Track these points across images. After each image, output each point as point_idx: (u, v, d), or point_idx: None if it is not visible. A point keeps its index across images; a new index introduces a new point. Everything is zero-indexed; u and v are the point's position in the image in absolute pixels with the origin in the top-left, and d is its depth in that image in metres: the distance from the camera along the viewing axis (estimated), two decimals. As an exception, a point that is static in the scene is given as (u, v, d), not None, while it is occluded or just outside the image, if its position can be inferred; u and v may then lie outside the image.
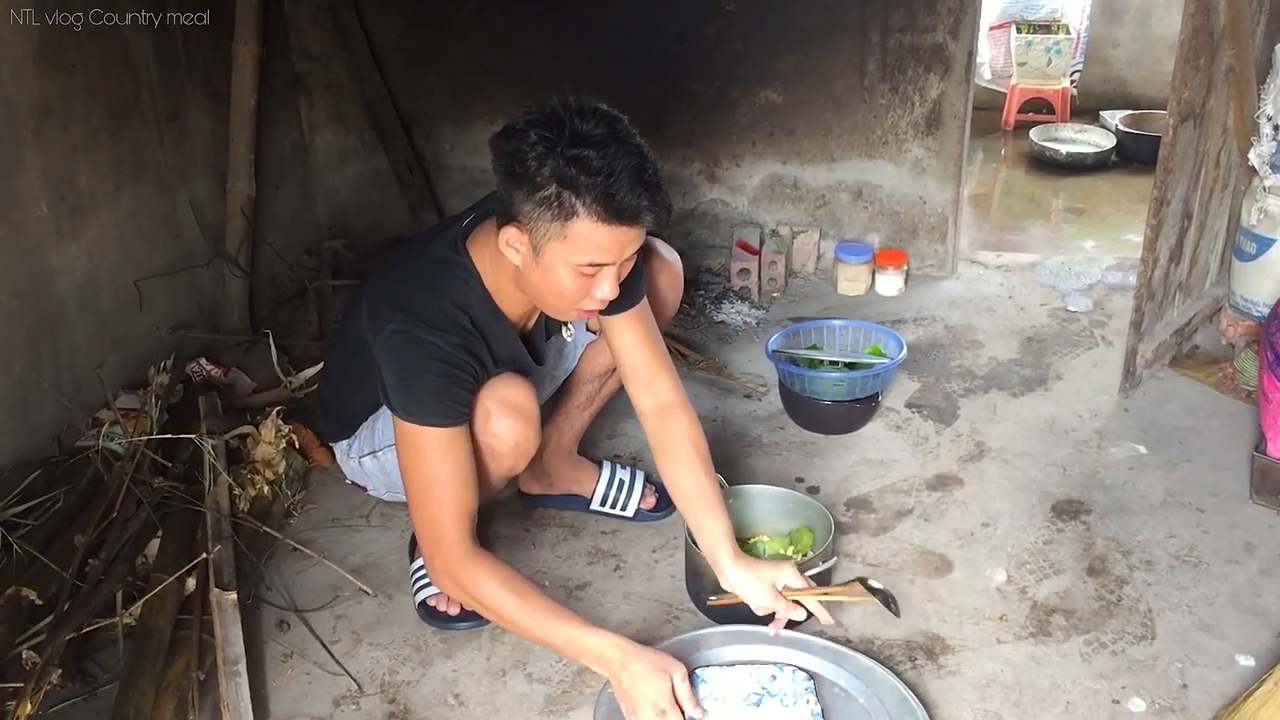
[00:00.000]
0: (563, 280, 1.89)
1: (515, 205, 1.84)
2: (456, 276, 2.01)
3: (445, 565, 1.95)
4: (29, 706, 1.89)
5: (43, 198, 2.63)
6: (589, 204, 1.79)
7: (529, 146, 1.79)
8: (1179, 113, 2.64)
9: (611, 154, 1.78)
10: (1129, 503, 2.57)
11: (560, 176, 1.78)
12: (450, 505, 1.95)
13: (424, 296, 1.98)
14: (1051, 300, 3.55)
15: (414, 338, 1.93)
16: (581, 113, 1.80)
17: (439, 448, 1.94)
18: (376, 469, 2.31)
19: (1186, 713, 1.99)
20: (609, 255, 1.86)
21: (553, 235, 1.83)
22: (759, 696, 1.95)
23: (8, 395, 2.54)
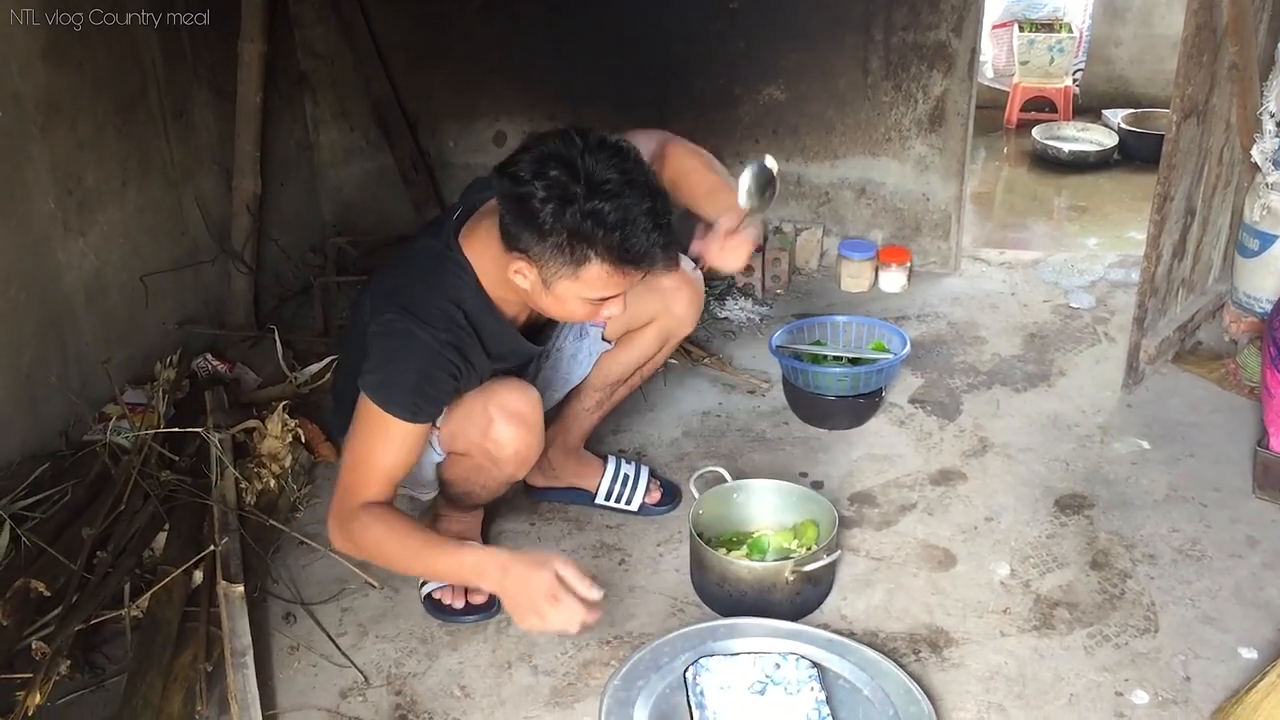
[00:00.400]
0: (574, 308, 1.94)
1: (524, 239, 1.84)
2: (451, 273, 2.02)
3: (339, 522, 1.97)
4: (38, 697, 1.91)
5: (50, 193, 2.64)
6: (602, 253, 1.81)
7: (540, 195, 1.78)
8: (1182, 109, 2.64)
9: (625, 202, 1.79)
10: (1132, 497, 2.58)
11: (575, 231, 1.79)
12: (374, 486, 1.97)
13: (420, 291, 2.00)
14: (1054, 297, 3.56)
15: (405, 331, 1.94)
16: (591, 150, 1.79)
17: (391, 436, 1.96)
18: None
19: (1190, 705, 2.00)
20: (620, 289, 1.90)
21: (564, 275, 1.86)
22: (763, 685, 1.96)
23: (16, 389, 2.56)
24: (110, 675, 2.12)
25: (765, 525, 2.41)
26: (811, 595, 2.24)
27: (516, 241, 1.86)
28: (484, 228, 2.01)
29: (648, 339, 2.41)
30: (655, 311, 2.36)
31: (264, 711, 1.97)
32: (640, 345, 2.42)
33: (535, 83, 3.71)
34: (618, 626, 2.24)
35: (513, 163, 1.84)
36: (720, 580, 2.21)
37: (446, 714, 2.04)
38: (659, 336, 2.41)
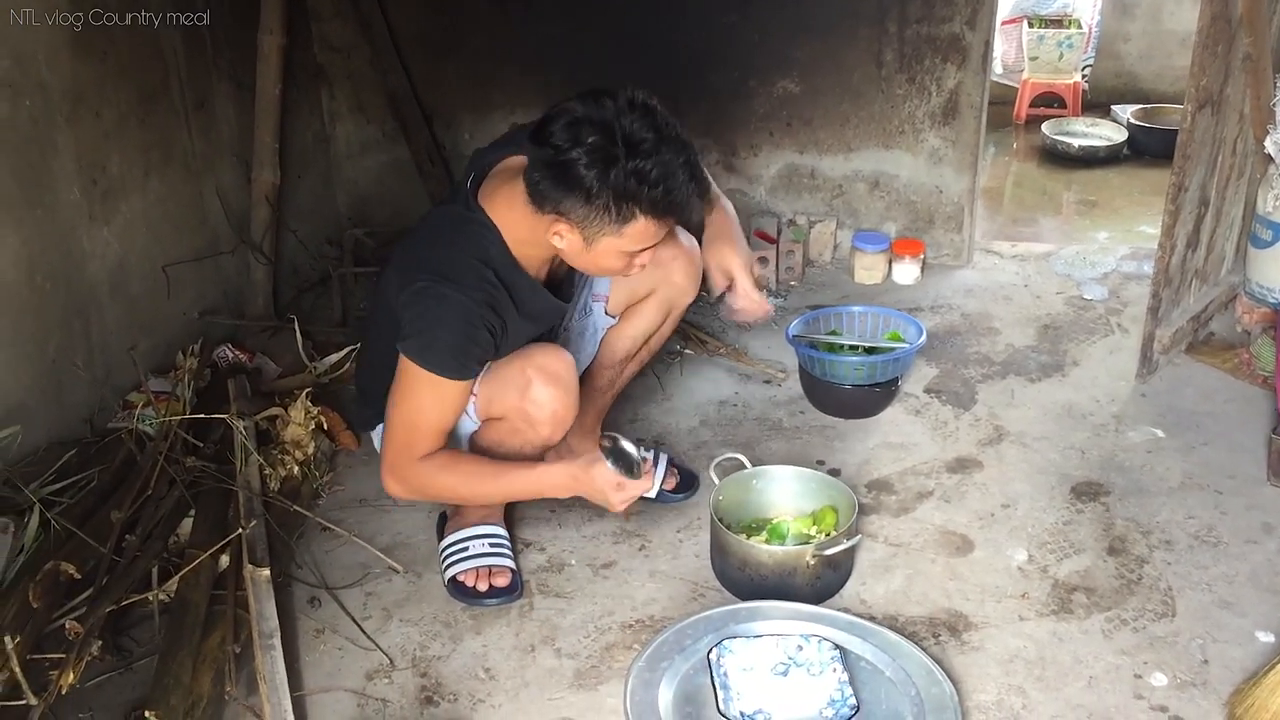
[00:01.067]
0: (612, 262, 2.03)
1: (564, 204, 1.92)
2: (474, 232, 2.07)
3: (399, 475, 2.13)
4: (71, 675, 1.93)
5: (75, 182, 2.66)
6: (646, 208, 1.91)
7: (583, 163, 1.86)
8: (1197, 99, 2.66)
9: (664, 158, 1.88)
10: (1147, 485, 2.60)
11: (620, 191, 1.88)
12: (427, 442, 2.10)
13: (446, 254, 2.05)
14: (1067, 289, 3.58)
15: (440, 294, 2.00)
16: (623, 111, 1.87)
17: (439, 395, 2.05)
18: None
19: (1208, 687, 2.02)
20: (658, 239, 2.01)
21: (608, 232, 1.95)
22: (786, 666, 1.98)
23: (42, 376, 2.58)
24: (139, 657, 2.14)
25: (784, 511, 2.43)
26: (832, 580, 2.26)
27: (556, 205, 1.93)
28: (503, 189, 2.06)
29: (650, 310, 2.45)
30: (655, 282, 2.40)
31: (291, 692, 1.99)
32: (644, 317, 2.46)
33: (550, 75, 3.73)
34: (639, 611, 2.26)
35: (545, 132, 1.90)
36: (741, 565, 2.24)
37: (471, 695, 2.07)
38: (661, 307, 2.45)
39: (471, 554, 2.32)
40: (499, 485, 2.17)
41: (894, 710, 1.93)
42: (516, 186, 2.00)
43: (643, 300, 2.44)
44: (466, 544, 2.33)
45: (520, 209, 2.00)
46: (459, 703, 2.05)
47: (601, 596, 2.31)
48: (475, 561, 2.31)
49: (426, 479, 2.12)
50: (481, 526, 2.36)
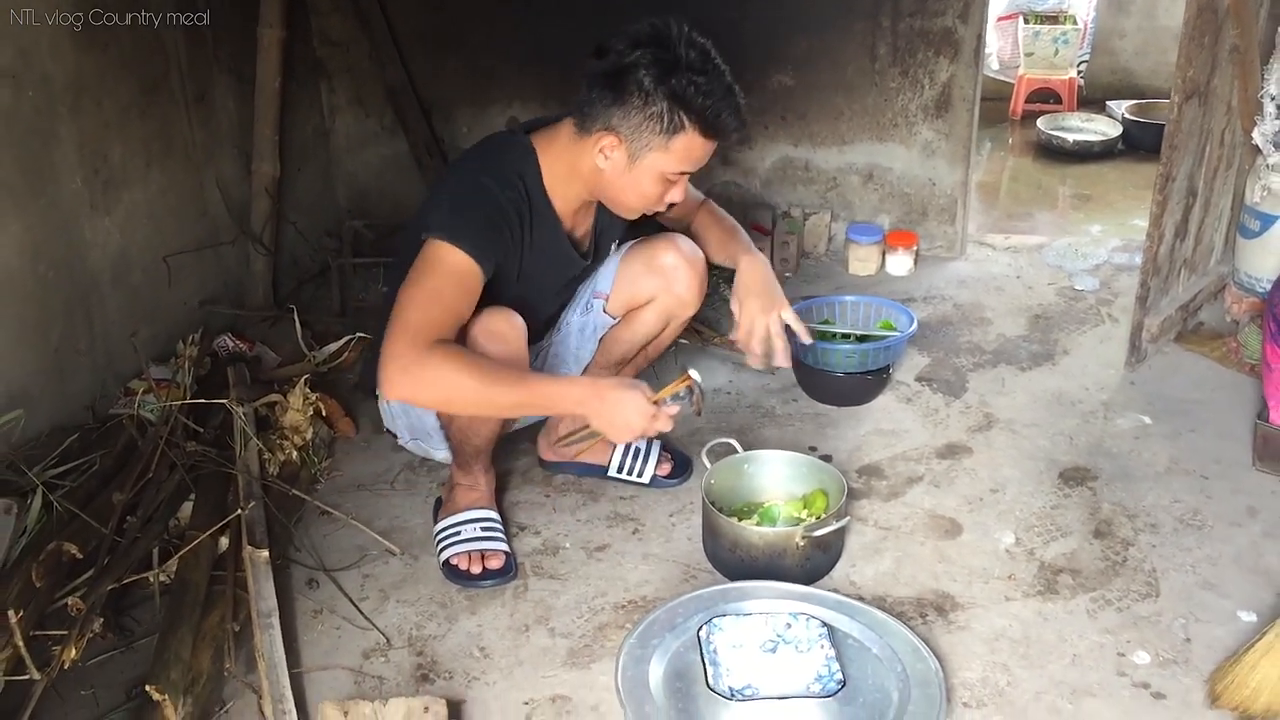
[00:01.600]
0: (649, 186, 2.12)
1: (615, 117, 2.05)
2: (516, 151, 2.18)
3: (407, 361, 1.95)
4: (73, 651, 1.97)
5: (78, 172, 2.70)
6: (695, 120, 2.03)
7: (642, 65, 2.01)
8: (1184, 90, 2.70)
9: (713, 79, 2.03)
10: (1135, 470, 2.63)
11: (674, 95, 2.01)
12: (444, 325, 2.00)
13: (487, 159, 2.17)
14: (1059, 280, 3.62)
15: (475, 179, 2.10)
16: (685, 39, 2.03)
17: (455, 271, 2.03)
18: (400, 410, 2.42)
19: (1190, 664, 2.06)
20: (696, 165, 2.11)
21: (655, 146, 2.06)
22: (774, 644, 2.01)
23: (45, 363, 2.62)
24: (139, 637, 2.18)
25: (775, 495, 2.47)
26: (821, 561, 2.30)
27: (608, 119, 2.05)
28: (547, 130, 2.19)
29: (649, 318, 2.48)
30: (656, 290, 2.44)
31: (290, 670, 2.02)
32: (642, 323, 2.49)
33: (547, 69, 3.78)
34: (632, 592, 2.30)
35: (606, 47, 2.04)
36: (732, 546, 2.27)
37: (467, 673, 2.10)
38: (660, 316, 2.48)
39: (464, 538, 2.36)
40: (514, 389, 2.02)
41: (880, 686, 1.96)
42: (560, 127, 2.17)
43: (642, 306, 2.47)
44: (459, 528, 2.37)
45: (562, 142, 2.14)
46: (454, 680, 2.08)
47: (595, 578, 2.34)
48: (468, 545, 2.34)
49: (435, 369, 1.94)
50: (474, 511, 2.40)
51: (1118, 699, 1.98)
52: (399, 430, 2.49)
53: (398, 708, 1.89)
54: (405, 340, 1.95)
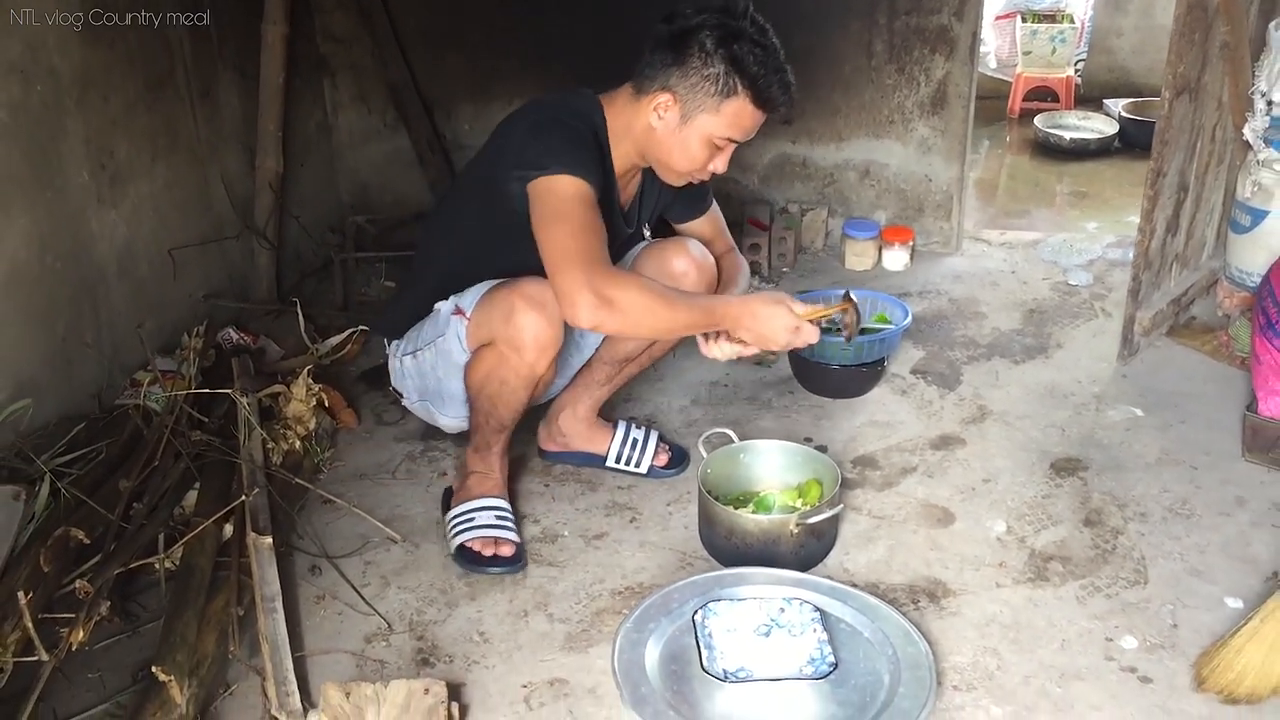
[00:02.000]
0: (696, 148, 2.21)
1: (674, 77, 2.16)
2: (585, 100, 2.28)
3: (597, 287, 2.00)
4: (81, 633, 2.00)
5: (85, 166, 2.75)
6: (747, 87, 2.14)
7: (707, 27, 2.12)
8: (1175, 86, 2.74)
9: (769, 53, 2.15)
10: (1125, 460, 2.67)
11: (733, 59, 2.12)
12: (597, 249, 2.07)
13: (558, 105, 2.24)
14: (1053, 275, 3.66)
15: (561, 121, 2.18)
16: (749, 14, 2.16)
17: (584, 198, 2.11)
18: (414, 369, 2.48)
19: (1176, 649, 2.09)
20: (743, 134, 2.24)
21: (707, 108, 2.17)
22: (768, 628, 2.05)
23: (52, 353, 2.66)
24: (145, 622, 2.22)
25: (771, 485, 2.50)
26: (815, 548, 2.33)
27: (666, 79, 2.16)
28: (608, 94, 2.28)
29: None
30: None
31: (293, 653, 2.06)
32: None
33: (549, 67, 3.82)
34: (629, 579, 2.34)
35: (673, 15, 2.16)
36: (728, 533, 2.31)
37: (466, 657, 2.14)
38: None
39: (478, 524, 2.39)
40: (688, 306, 2.15)
41: (871, 669, 2.00)
42: (619, 90, 2.27)
43: None
44: (473, 515, 2.40)
45: (620, 102, 2.24)
46: (454, 664, 2.12)
47: (593, 565, 2.38)
48: (482, 531, 2.37)
49: (625, 295, 2.02)
50: (488, 499, 2.43)
51: (1105, 683, 2.02)
52: (407, 390, 2.56)
53: (399, 689, 1.92)
54: (583, 272, 2.01)
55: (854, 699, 1.94)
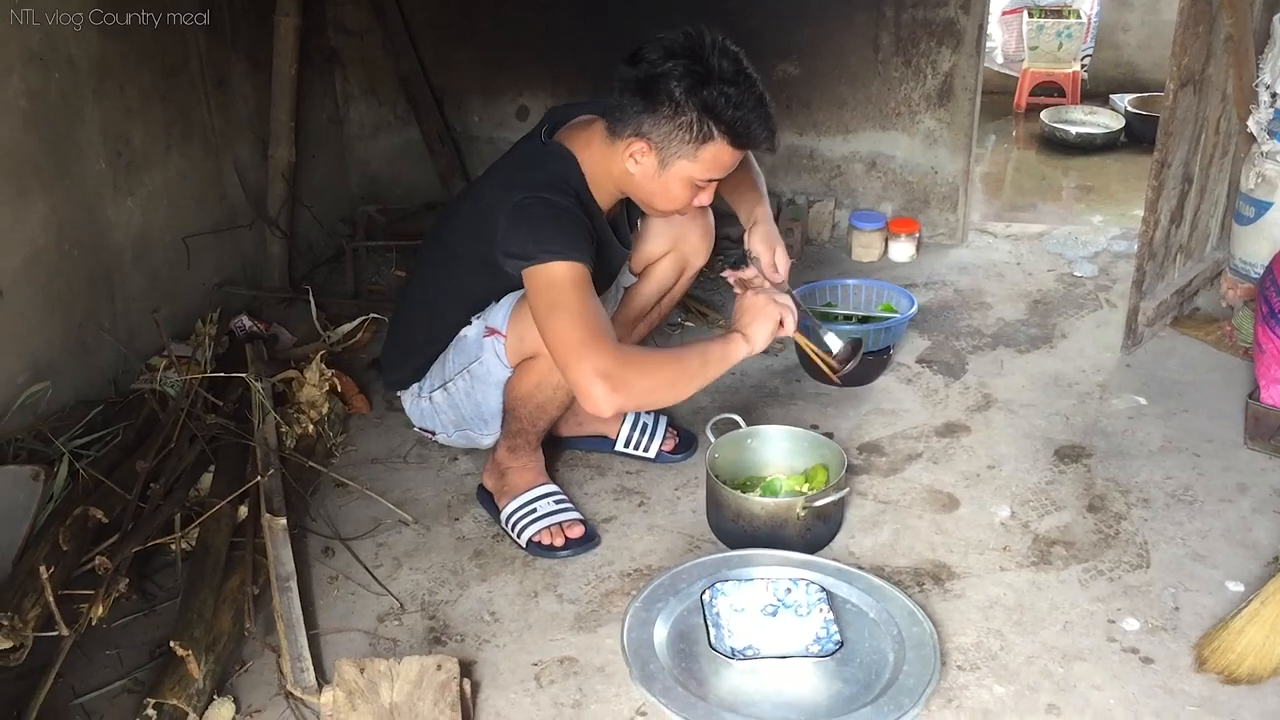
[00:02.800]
0: (678, 191, 2.16)
1: (646, 124, 2.08)
2: (555, 160, 2.21)
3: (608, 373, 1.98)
4: (101, 609, 2.05)
5: (101, 154, 2.79)
6: (725, 131, 2.07)
7: (675, 75, 2.03)
8: (1179, 78, 2.76)
9: (744, 89, 2.06)
10: (1128, 448, 2.70)
11: (705, 107, 2.04)
12: (607, 331, 2.04)
13: (534, 175, 2.18)
14: (1058, 267, 3.69)
15: (541, 199, 2.10)
16: (716, 48, 2.05)
17: (581, 281, 2.06)
18: (446, 403, 2.44)
19: (1178, 631, 2.12)
20: (724, 172, 2.15)
21: (684, 155, 2.10)
22: (775, 607, 2.09)
23: (69, 339, 2.70)
24: (162, 600, 2.26)
25: (778, 470, 2.53)
26: (822, 532, 2.36)
27: (639, 126, 2.08)
28: (579, 131, 2.22)
29: (665, 269, 2.59)
30: (672, 242, 2.55)
31: (307, 631, 2.10)
32: (659, 276, 2.59)
33: (557, 59, 3.85)
34: (637, 561, 2.37)
35: (638, 54, 2.07)
36: (735, 517, 2.34)
37: (477, 636, 2.17)
38: (676, 265, 2.59)
39: (541, 514, 2.41)
40: (698, 366, 2.11)
41: (876, 647, 2.03)
42: (593, 127, 2.20)
43: (659, 260, 2.57)
44: (533, 505, 2.42)
45: (596, 144, 2.18)
46: (465, 643, 2.16)
47: (602, 548, 2.41)
48: (547, 520, 2.40)
49: (638, 376, 2.02)
50: (540, 488, 2.45)
51: (1107, 663, 2.05)
52: (440, 426, 2.51)
53: (412, 665, 1.95)
54: (591, 364, 1.98)
55: (859, 677, 1.97)
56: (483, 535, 2.47)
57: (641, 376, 2.04)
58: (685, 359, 2.12)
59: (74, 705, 2.00)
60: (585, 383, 1.99)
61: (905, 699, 1.88)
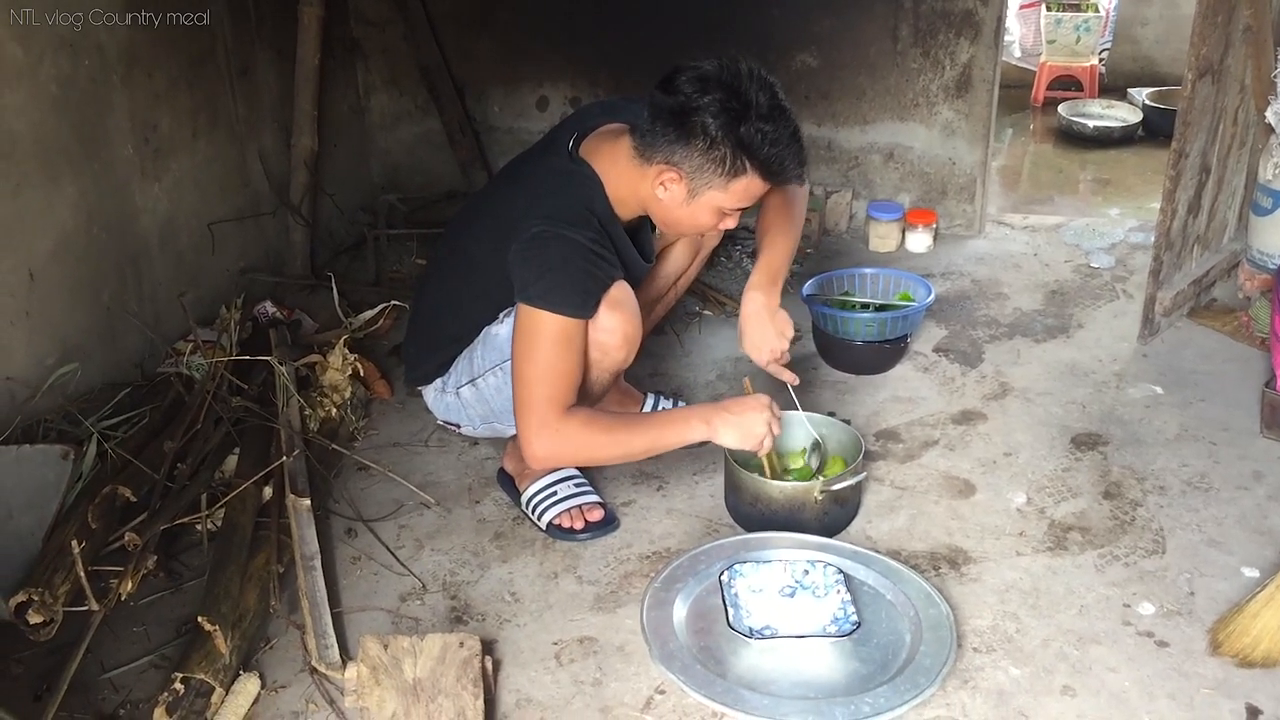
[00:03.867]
0: (705, 218, 2.18)
1: (678, 154, 2.08)
2: (580, 183, 2.20)
3: (548, 434, 2.13)
4: (129, 584, 2.08)
5: (129, 140, 2.83)
6: (758, 167, 2.08)
7: (710, 110, 2.03)
8: (1197, 68, 2.77)
9: (780, 124, 2.05)
10: (1145, 436, 2.71)
11: (742, 144, 2.04)
12: (568, 392, 2.14)
13: (556, 201, 2.17)
14: (1075, 258, 3.70)
15: (558, 235, 2.11)
16: (755, 81, 2.04)
17: (563, 337, 2.11)
18: (474, 398, 2.42)
19: (1193, 615, 2.13)
20: (752, 201, 2.16)
21: (715, 186, 2.11)
22: (792, 589, 2.11)
23: (97, 322, 2.74)
24: (187, 579, 2.29)
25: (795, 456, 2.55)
26: (839, 515, 2.39)
27: (670, 154, 2.09)
28: (606, 147, 2.21)
29: (680, 251, 2.61)
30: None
31: (331, 610, 2.13)
32: (674, 258, 2.62)
33: (577, 50, 3.88)
34: (656, 544, 2.39)
35: (673, 83, 2.05)
36: (753, 500, 2.36)
37: (498, 616, 2.20)
38: (690, 247, 2.61)
39: (561, 497, 2.43)
40: (647, 433, 2.21)
41: (893, 629, 2.06)
42: (620, 142, 2.18)
43: (673, 243, 2.59)
44: (553, 489, 2.44)
45: (623, 164, 2.17)
46: (486, 622, 2.19)
47: (621, 531, 2.44)
48: (567, 503, 2.42)
49: (578, 434, 2.14)
50: (561, 471, 2.47)
51: (1122, 646, 2.06)
52: (466, 419, 2.50)
53: (435, 642, 1.98)
54: (538, 419, 2.13)
55: (876, 657, 1.99)
56: (503, 518, 2.50)
57: (582, 449, 2.18)
58: (634, 440, 2.21)
59: (103, 679, 2.04)
60: (527, 433, 2.14)
61: (922, 679, 1.91)
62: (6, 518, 2.14)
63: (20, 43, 2.45)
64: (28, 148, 2.50)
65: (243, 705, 1.94)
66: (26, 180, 2.50)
